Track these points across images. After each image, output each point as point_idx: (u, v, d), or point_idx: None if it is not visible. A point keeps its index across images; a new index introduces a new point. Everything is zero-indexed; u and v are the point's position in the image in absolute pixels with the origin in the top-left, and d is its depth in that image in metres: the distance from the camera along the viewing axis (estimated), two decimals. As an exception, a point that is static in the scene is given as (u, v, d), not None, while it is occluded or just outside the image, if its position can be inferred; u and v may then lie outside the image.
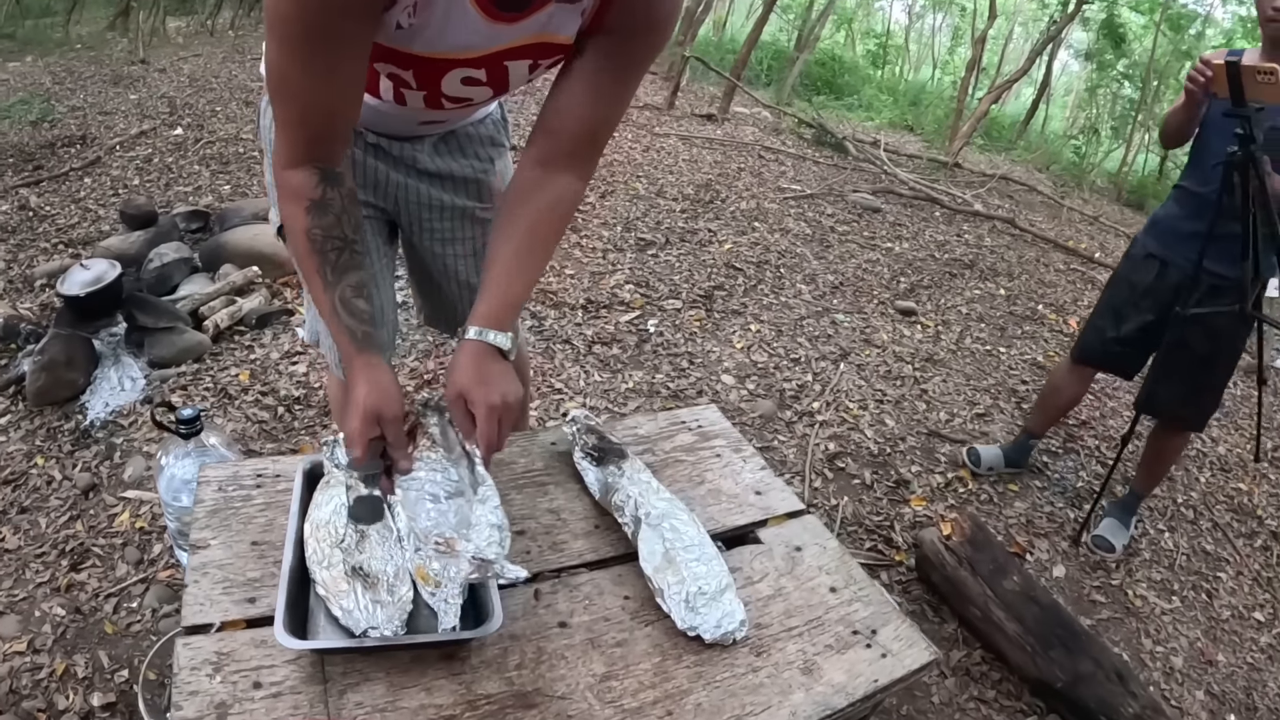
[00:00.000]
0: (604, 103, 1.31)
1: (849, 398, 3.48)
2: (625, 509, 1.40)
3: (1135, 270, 2.71)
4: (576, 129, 1.31)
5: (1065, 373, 3.02)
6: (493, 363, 1.24)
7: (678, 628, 1.23)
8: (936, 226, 6.08)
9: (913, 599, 2.45)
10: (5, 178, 4.51)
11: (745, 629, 1.24)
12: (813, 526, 1.54)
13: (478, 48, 1.22)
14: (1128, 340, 2.74)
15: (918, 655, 1.29)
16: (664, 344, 3.64)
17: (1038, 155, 10.42)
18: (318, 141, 1.18)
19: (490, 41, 1.21)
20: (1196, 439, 3.69)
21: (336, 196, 1.20)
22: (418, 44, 1.19)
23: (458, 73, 1.29)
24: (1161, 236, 2.65)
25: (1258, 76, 2.07)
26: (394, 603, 1.16)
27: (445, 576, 1.17)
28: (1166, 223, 2.64)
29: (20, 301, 3.31)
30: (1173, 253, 2.59)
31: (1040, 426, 3.16)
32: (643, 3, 1.19)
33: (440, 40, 1.19)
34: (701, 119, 8.12)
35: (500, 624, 1.14)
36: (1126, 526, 2.92)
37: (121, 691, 1.88)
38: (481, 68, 1.28)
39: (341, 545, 1.21)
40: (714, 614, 1.23)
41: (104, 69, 6.95)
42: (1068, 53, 15.38)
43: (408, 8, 1.11)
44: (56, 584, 2.14)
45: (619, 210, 5.09)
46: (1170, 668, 2.45)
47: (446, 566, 1.17)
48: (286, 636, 1.07)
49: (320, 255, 1.20)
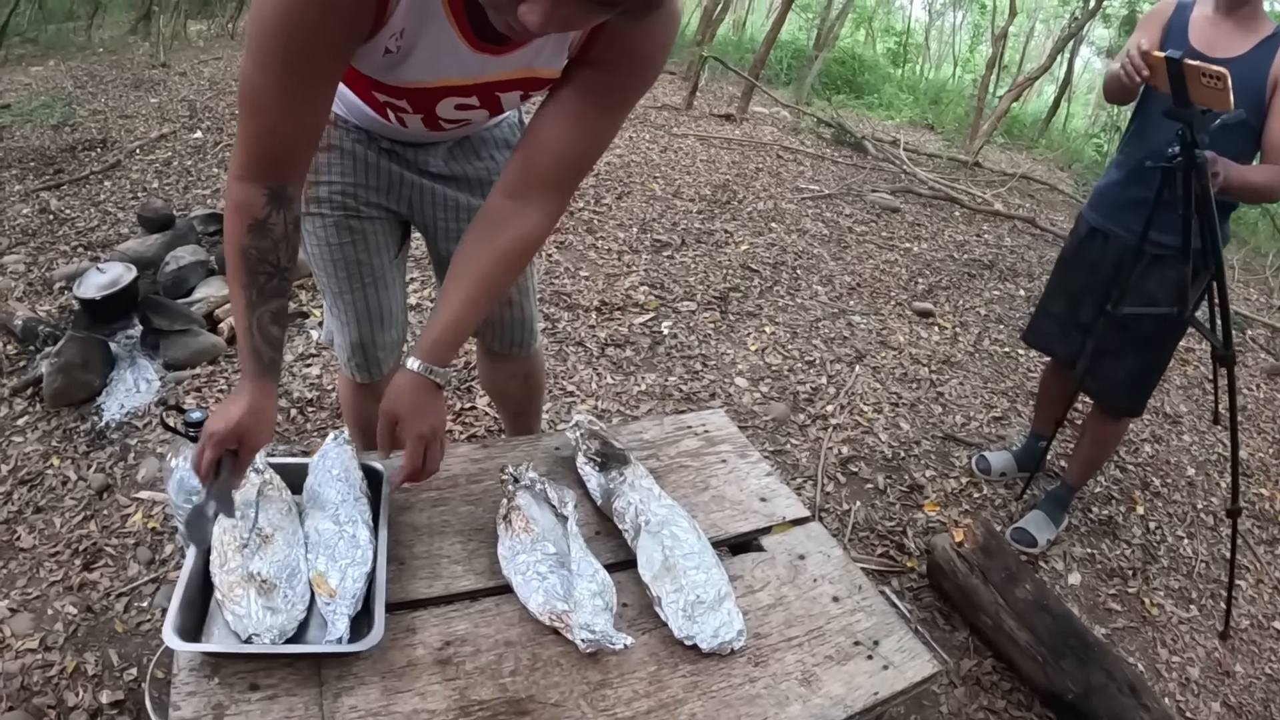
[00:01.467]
0: (585, 138, 1.28)
1: (864, 401, 3.46)
2: (626, 515, 1.40)
3: (1081, 248, 2.58)
4: (552, 163, 1.28)
5: (1052, 371, 2.95)
6: (429, 395, 1.30)
7: (675, 636, 1.22)
8: (956, 226, 6.04)
9: (924, 606, 2.43)
10: (26, 181, 4.56)
11: (743, 639, 1.23)
12: (817, 534, 1.53)
13: (467, 76, 1.23)
14: (1085, 326, 2.58)
15: (920, 667, 1.27)
16: (678, 346, 3.63)
17: (1059, 154, 10.31)
18: (274, 161, 1.17)
19: (478, 71, 1.23)
20: (1218, 441, 3.65)
21: (280, 222, 1.20)
22: (407, 72, 1.21)
23: (451, 100, 1.31)
24: (1103, 207, 2.52)
25: (1202, 79, 1.89)
26: (286, 610, 1.16)
27: None
28: (1107, 192, 2.50)
29: (39, 303, 3.34)
30: (1112, 223, 2.46)
31: (1045, 426, 3.01)
32: (630, 37, 1.16)
33: (429, 69, 1.21)
34: (720, 119, 8.09)
35: (380, 639, 1.13)
36: (1055, 522, 2.81)
37: (130, 690, 1.90)
38: (473, 95, 1.30)
39: (244, 550, 1.21)
40: (711, 623, 1.22)
41: (125, 73, 7.01)
42: (1089, 49, 15.22)
43: (394, 33, 1.12)
44: (69, 583, 2.16)
45: (635, 211, 5.08)
46: (1186, 678, 2.42)
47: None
48: (173, 637, 1.09)
49: (250, 275, 1.19)
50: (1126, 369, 2.50)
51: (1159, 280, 2.35)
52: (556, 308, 3.75)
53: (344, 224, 1.65)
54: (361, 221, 1.66)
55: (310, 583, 1.22)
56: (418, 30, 1.13)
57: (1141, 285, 2.37)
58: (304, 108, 1.14)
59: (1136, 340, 2.42)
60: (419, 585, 1.25)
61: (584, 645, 1.16)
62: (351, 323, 1.78)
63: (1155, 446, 3.56)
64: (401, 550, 1.33)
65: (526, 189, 1.29)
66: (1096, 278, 2.51)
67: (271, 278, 1.21)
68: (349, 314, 1.77)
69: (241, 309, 1.20)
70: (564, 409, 3.05)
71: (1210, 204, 2.02)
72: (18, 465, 2.52)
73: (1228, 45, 2.17)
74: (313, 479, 1.38)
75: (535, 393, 2.26)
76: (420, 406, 1.28)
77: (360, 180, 1.62)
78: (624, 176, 5.70)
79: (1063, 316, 2.65)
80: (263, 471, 1.35)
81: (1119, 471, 3.29)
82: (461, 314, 1.29)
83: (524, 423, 2.27)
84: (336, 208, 1.63)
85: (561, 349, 3.43)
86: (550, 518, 1.37)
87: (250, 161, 1.17)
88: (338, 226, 1.65)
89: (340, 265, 1.69)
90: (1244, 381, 4.38)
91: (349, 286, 1.72)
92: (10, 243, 3.85)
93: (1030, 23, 18.49)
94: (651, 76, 1.26)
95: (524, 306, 1.93)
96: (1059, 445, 3.30)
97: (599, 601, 1.19)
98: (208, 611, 1.20)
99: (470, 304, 1.30)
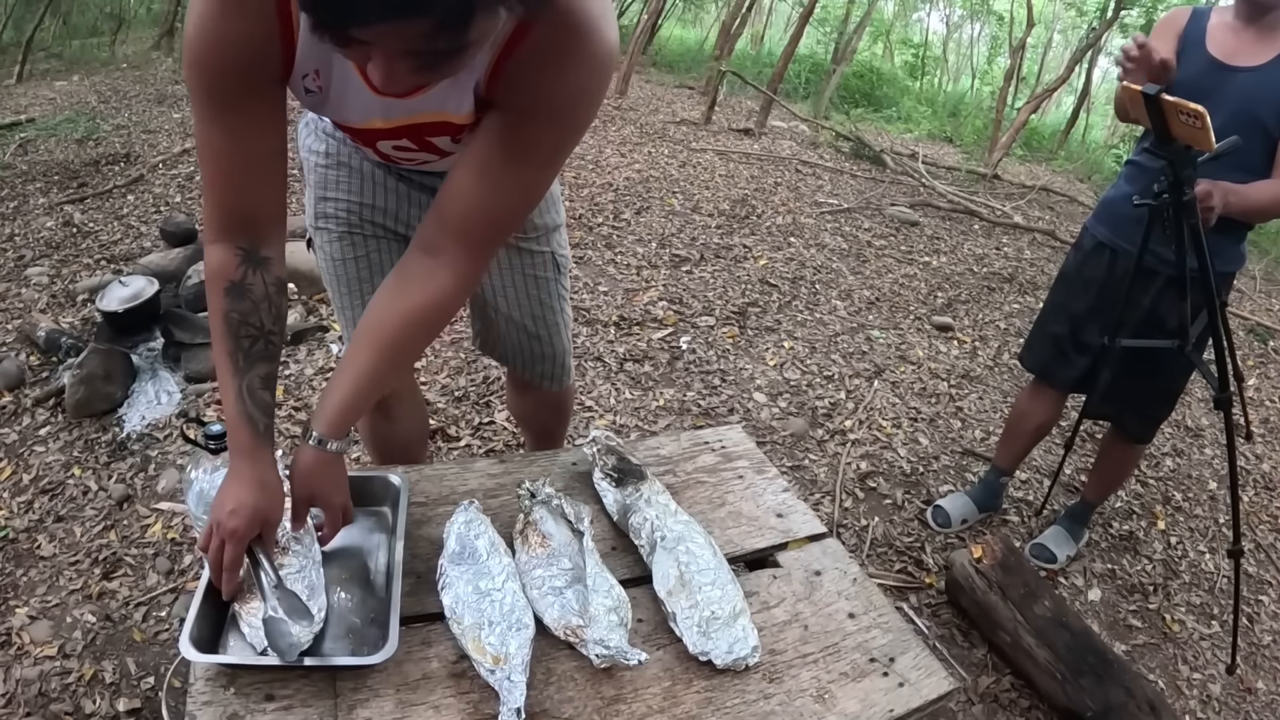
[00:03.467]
0: (493, 190, 1.17)
1: (882, 416, 3.44)
2: (642, 531, 1.40)
3: (1086, 263, 2.43)
4: (459, 215, 1.19)
5: (1032, 398, 2.70)
6: (337, 468, 1.25)
7: (689, 652, 1.22)
8: (975, 239, 6.02)
9: (942, 623, 2.42)
10: (51, 194, 4.62)
11: (758, 655, 1.22)
12: (833, 550, 1.52)
13: (380, 118, 1.22)
14: (1092, 348, 2.42)
15: (937, 684, 1.26)
16: (696, 361, 3.63)
17: (1079, 165, 10.27)
18: (239, 216, 1.17)
19: (388, 113, 1.21)
20: (1241, 453, 3.61)
21: (259, 282, 1.19)
22: (331, 112, 1.22)
23: (386, 141, 1.30)
24: (1110, 220, 2.37)
25: (1180, 116, 1.74)
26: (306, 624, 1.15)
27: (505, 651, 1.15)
28: (1116, 204, 2.34)
29: (62, 315, 3.38)
30: (1120, 237, 2.32)
31: (1008, 460, 2.85)
32: (535, 81, 1.08)
33: (343, 110, 1.21)
34: (738, 133, 8.11)
35: (394, 652, 1.13)
36: (1075, 538, 2.76)
37: (147, 698, 1.92)
38: (402, 137, 1.28)
39: None
40: (726, 639, 1.21)
41: (148, 88, 7.10)
42: (1108, 59, 15.13)
43: (308, 74, 1.13)
44: (89, 591, 2.18)
45: (654, 227, 5.09)
46: (1207, 695, 2.39)
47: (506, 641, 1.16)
48: (189, 647, 1.09)
49: (234, 340, 1.18)
50: (1139, 394, 2.42)
51: (1169, 303, 2.24)
52: (576, 323, 3.75)
53: (348, 239, 1.65)
54: (367, 240, 1.66)
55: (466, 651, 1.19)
56: (330, 71, 1.14)
57: (1154, 307, 2.28)
58: (248, 151, 1.14)
59: (1148, 366, 2.34)
60: (435, 599, 1.25)
61: (598, 660, 1.16)
62: None
63: (1177, 460, 3.53)
64: (418, 564, 1.33)
65: (436, 243, 1.21)
66: (1103, 297, 2.37)
67: (256, 341, 1.19)
68: (351, 330, 1.78)
69: (228, 376, 1.18)
70: (582, 424, 3.05)
71: (1201, 241, 1.92)
72: (39, 474, 2.55)
73: (1250, 54, 2.11)
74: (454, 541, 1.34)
75: (563, 421, 2.26)
76: (332, 481, 1.25)
77: (368, 200, 1.62)
78: (643, 192, 5.72)
79: (1065, 338, 2.50)
80: None
81: (1140, 486, 3.27)
82: (362, 385, 1.23)
83: (548, 444, 2.26)
84: (341, 224, 1.63)
85: (580, 364, 3.44)
86: (566, 533, 1.37)
87: (218, 220, 1.18)
88: (341, 242, 1.65)
89: (344, 281, 1.69)
90: (1266, 394, 4.35)
91: (350, 303, 1.72)
92: (34, 255, 3.90)
93: (1048, 34, 18.43)
94: (567, 125, 1.16)
95: (553, 342, 1.90)
96: (1079, 459, 3.28)
97: (614, 617, 1.19)
98: (225, 623, 1.21)
99: (371, 374, 1.22)
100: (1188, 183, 1.85)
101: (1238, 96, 2.08)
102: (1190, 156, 1.82)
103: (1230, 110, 2.06)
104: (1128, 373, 2.35)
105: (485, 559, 1.28)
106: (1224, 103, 2.08)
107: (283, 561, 1.23)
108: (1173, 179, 1.86)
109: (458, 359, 3.34)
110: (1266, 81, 2.06)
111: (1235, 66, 2.12)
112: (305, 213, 1.70)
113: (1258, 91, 2.06)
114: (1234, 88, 2.10)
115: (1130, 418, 2.53)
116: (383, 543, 1.40)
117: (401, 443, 2.05)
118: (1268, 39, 2.10)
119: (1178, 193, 1.87)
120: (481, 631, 1.16)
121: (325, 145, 1.59)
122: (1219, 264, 2.12)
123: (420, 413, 2.14)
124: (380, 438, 2.01)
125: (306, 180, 1.65)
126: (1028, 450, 2.86)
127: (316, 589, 1.22)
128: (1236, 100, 2.08)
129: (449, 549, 1.31)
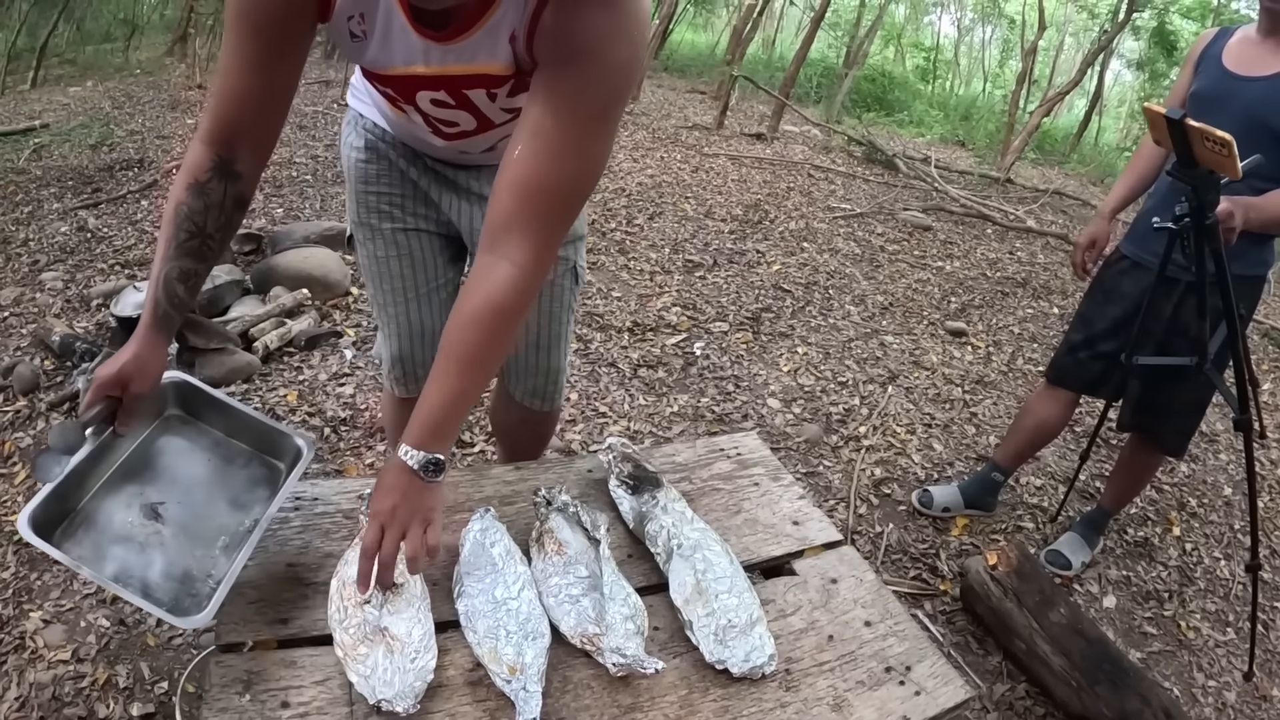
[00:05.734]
0: (544, 155, 1.15)
1: (896, 422, 3.43)
2: (658, 539, 1.40)
3: (1109, 274, 2.49)
4: (516, 193, 1.17)
5: (1041, 396, 2.72)
6: (418, 482, 1.18)
7: (706, 660, 1.22)
8: (988, 244, 6.01)
9: (957, 630, 2.41)
10: (65, 200, 4.64)
11: (774, 663, 1.22)
12: (850, 558, 1.52)
13: (422, 64, 1.25)
14: (1105, 356, 2.46)
15: (953, 693, 1.26)
16: (710, 367, 3.63)
17: (1092, 168, 10.25)
18: (230, 127, 1.23)
19: (430, 60, 1.23)
20: (1257, 459, 3.57)
21: (219, 190, 1.24)
22: (374, 56, 1.25)
23: (426, 94, 1.33)
24: (1137, 236, 2.41)
25: (1206, 143, 1.72)
26: (414, 670, 1.11)
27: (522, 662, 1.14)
28: (1144, 221, 2.37)
29: (77, 320, 3.39)
30: (1142, 249, 2.36)
31: (1009, 459, 2.83)
32: (571, 27, 1.11)
33: (386, 54, 1.24)
34: (751, 138, 8.11)
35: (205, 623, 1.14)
36: (1090, 545, 2.74)
37: (160, 703, 1.92)
38: (441, 89, 1.30)
39: (367, 605, 1.17)
40: (743, 648, 1.21)
41: (162, 94, 7.13)
42: (1120, 62, 15.15)
43: (353, 16, 1.19)
44: (103, 595, 2.18)
45: (667, 232, 5.09)
46: (1223, 703, 2.37)
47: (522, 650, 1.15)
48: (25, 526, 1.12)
49: (174, 228, 1.23)
50: (1170, 406, 2.42)
51: (1191, 310, 2.21)
52: (589, 329, 3.75)
53: (391, 238, 1.69)
54: (408, 235, 1.69)
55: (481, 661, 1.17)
56: (374, 13, 1.19)
57: (1176, 314, 2.27)
58: (261, 74, 1.20)
59: (1174, 378, 2.33)
60: (450, 607, 1.25)
61: (615, 669, 1.15)
62: (394, 335, 1.81)
63: (1192, 466, 3.51)
64: (434, 570, 1.33)
65: (494, 237, 1.19)
66: (1128, 307, 2.40)
67: (193, 238, 1.24)
68: (391, 326, 1.80)
69: (158, 259, 1.24)
70: (596, 430, 3.05)
71: (1224, 265, 1.93)
72: (55, 480, 2.55)
73: (1263, 64, 2.13)
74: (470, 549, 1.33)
75: (540, 445, 2.20)
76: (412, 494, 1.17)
77: (408, 193, 1.66)
78: (656, 197, 5.73)
79: (1080, 344, 2.54)
80: None
81: (1155, 492, 3.25)
82: (440, 398, 1.19)
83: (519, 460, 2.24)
84: (385, 217, 1.67)
85: (594, 370, 3.44)
86: (583, 540, 1.37)
87: (209, 124, 1.24)
88: (385, 240, 1.69)
89: (385, 279, 1.73)
90: (1281, 399, 4.32)
91: (392, 300, 1.75)
92: (49, 260, 3.92)
93: (1060, 37, 18.42)
94: (609, 69, 1.14)
95: (551, 355, 1.87)
96: (1094, 465, 3.26)
97: (630, 625, 1.19)
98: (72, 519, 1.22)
99: (446, 387, 1.19)
100: (1210, 206, 1.84)
101: (1248, 105, 2.10)
102: (1214, 181, 1.80)
103: (1240, 118, 2.07)
104: (1156, 385, 2.36)
105: (501, 567, 1.27)
106: (1234, 111, 2.10)
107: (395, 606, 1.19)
108: (1196, 204, 1.85)
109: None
110: (1277, 90, 2.07)
111: (1247, 77, 2.14)
112: (347, 213, 1.74)
113: (1267, 99, 2.08)
114: (1245, 96, 2.12)
115: (1164, 430, 2.52)
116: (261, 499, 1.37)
117: None
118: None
119: (1200, 217, 1.86)
120: (497, 641, 1.16)
121: (364, 140, 1.63)
122: (1243, 268, 2.13)
123: None
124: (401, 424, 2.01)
125: (348, 180, 1.69)
126: (1029, 450, 2.84)
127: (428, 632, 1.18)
128: (1246, 108, 2.10)
129: (465, 557, 1.31)
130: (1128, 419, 2.53)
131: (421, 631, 1.17)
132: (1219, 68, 2.21)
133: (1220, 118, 2.10)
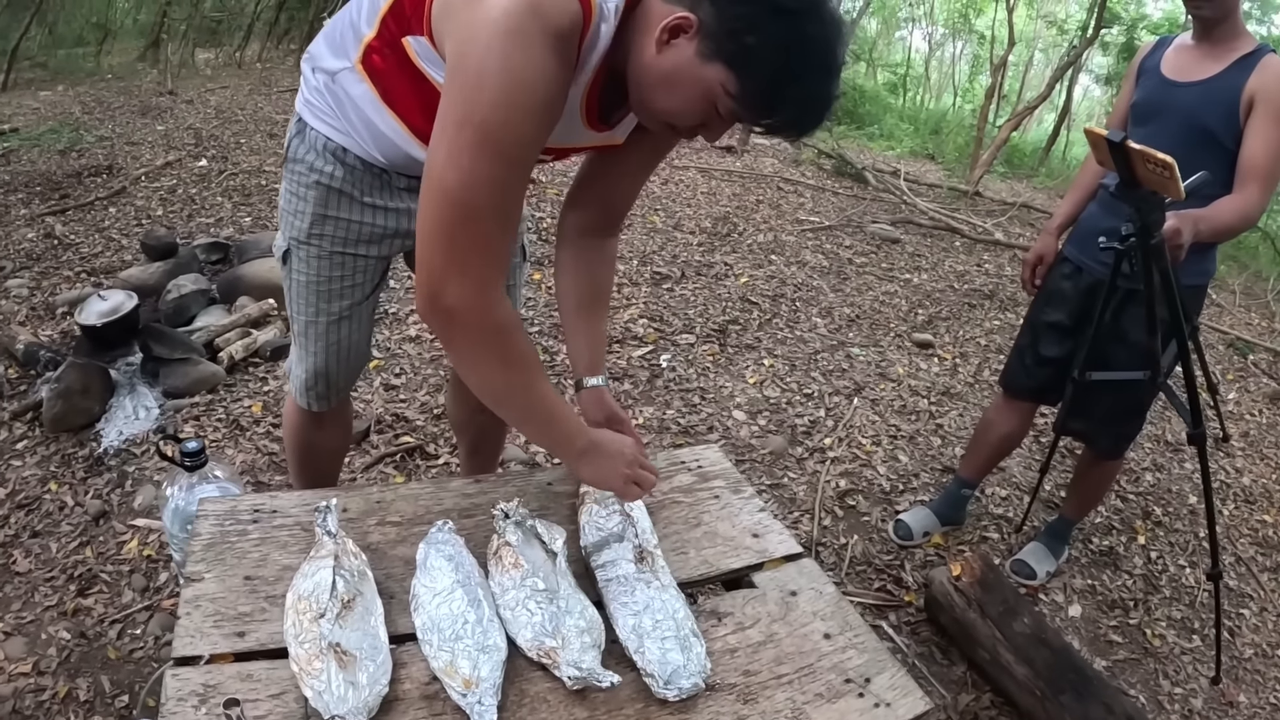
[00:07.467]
0: (644, 174, 1.63)
1: (862, 433, 3.46)
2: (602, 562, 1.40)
3: (1051, 278, 2.51)
4: (622, 200, 1.63)
5: (999, 407, 2.74)
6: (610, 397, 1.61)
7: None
8: (956, 256, 6.06)
9: (921, 640, 2.42)
10: (32, 205, 4.59)
11: (704, 676, 1.20)
12: (809, 570, 1.52)
13: (566, 142, 1.39)
14: (1052, 361, 2.50)
15: (913, 704, 1.26)
16: (676, 379, 3.64)
17: (1059, 182, 10.34)
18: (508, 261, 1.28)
19: (578, 139, 1.41)
20: (1221, 468, 3.64)
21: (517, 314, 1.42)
22: None
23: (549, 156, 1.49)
24: (1078, 238, 2.45)
25: (1147, 164, 1.72)
26: (367, 685, 1.10)
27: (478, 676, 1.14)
28: (1085, 223, 2.42)
29: (41, 328, 3.36)
30: (1085, 254, 2.38)
31: (974, 472, 2.85)
32: None
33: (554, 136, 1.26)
34: (721, 150, 8.13)
35: None
36: (1055, 554, 2.77)
37: (121, 716, 1.91)
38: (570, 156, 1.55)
39: (321, 620, 1.16)
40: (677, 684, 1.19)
41: (133, 99, 7.07)
42: (1088, 77, 15.32)
43: None
44: (64, 608, 2.16)
45: (635, 244, 5.09)
46: (1189, 710, 2.40)
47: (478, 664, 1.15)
48: None
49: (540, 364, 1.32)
50: (1107, 410, 2.43)
51: (1132, 317, 2.26)
52: (556, 340, 3.75)
53: (340, 260, 1.66)
54: (355, 260, 1.68)
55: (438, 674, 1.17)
56: None
57: (1115, 322, 2.29)
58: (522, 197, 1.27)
59: (1112, 383, 2.34)
60: (408, 619, 1.25)
61: (571, 682, 1.15)
62: (320, 352, 1.78)
63: (1157, 475, 3.55)
64: (391, 584, 1.33)
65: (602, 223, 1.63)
66: (1065, 310, 2.45)
67: None
68: (319, 344, 1.77)
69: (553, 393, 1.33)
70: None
71: (1171, 284, 1.95)
72: (15, 489, 2.53)
73: (1200, 69, 2.16)
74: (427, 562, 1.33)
75: (500, 432, 2.24)
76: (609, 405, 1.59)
77: (366, 220, 1.64)
78: (625, 207, 5.72)
79: (1026, 349, 2.58)
80: (335, 535, 1.33)
81: (1120, 501, 3.29)
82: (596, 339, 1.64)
83: (480, 463, 2.25)
84: (336, 243, 1.64)
85: (560, 381, 3.44)
86: (540, 554, 1.36)
87: (497, 270, 1.20)
88: (330, 262, 1.66)
89: (323, 298, 1.70)
90: (1245, 407, 4.38)
91: (325, 318, 1.73)
92: (14, 266, 3.88)
93: (1029, 52, 18.60)
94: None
95: None
96: (1057, 475, 3.29)
97: (587, 639, 1.19)
98: None
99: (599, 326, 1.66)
100: (1155, 226, 1.85)
101: (1185, 109, 2.14)
102: (1158, 201, 1.81)
103: (1178, 123, 2.13)
104: (1093, 389, 2.37)
105: (458, 580, 1.27)
106: (1172, 117, 2.16)
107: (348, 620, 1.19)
108: (1140, 224, 1.85)
109: (436, 376, 3.34)
110: (1213, 93, 2.10)
111: (1183, 82, 2.17)
112: (283, 229, 1.68)
113: (1204, 104, 2.11)
114: (1181, 102, 2.15)
115: (1100, 435, 2.54)
116: None
117: (329, 451, 2.07)
118: (1217, 56, 2.15)
119: (1145, 237, 1.87)
120: (454, 654, 1.16)
121: (333, 167, 1.57)
122: (1187, 278, 2.14)
123: (349, 425, 2.14)
124: (307, 445, 2.00)
125: (303, 199, 1.61)
126: (992, 462, 2.86)
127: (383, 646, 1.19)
128: (1184, 113, 2.14)
129: (421, 569, 1.30)
130: (1062, 422, 2.55)
131: (375, 646, 1.16)
132: (1158, 76, 2.25)
133: (1160, 125, 2.15)
